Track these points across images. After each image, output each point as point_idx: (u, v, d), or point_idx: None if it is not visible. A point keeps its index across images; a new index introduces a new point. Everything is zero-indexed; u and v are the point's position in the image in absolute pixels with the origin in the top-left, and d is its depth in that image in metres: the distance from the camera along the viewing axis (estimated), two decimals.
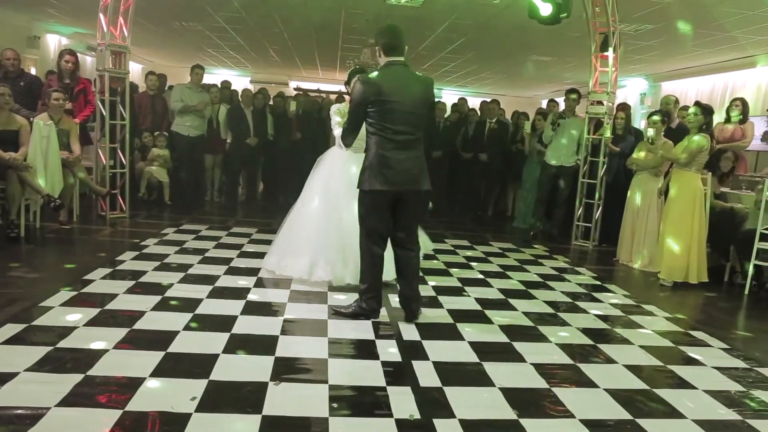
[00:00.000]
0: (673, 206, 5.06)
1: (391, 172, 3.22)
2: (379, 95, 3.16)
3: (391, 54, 3.29)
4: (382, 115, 3.20)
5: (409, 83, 3.27)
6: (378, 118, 3.21)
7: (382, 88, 3.17)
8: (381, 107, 3.17)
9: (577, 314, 3.97)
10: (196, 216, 6.67)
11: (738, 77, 10.32)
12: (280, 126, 7.98)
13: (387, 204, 3.32)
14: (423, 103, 3.33)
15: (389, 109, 3.18)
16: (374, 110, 3.20)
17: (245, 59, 14.20)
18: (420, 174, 3.33)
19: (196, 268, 4.31)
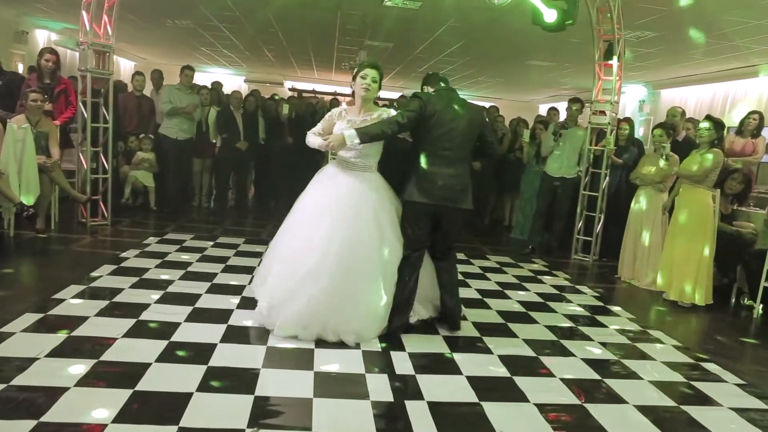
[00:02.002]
0: (685, 225, 4.83)
1: (435, 187, 3.36)
2: (434, 111, 3.34)
3: (436, 85, 3.55)
4: (432, 131, 3.35)
5: (459, 104, 3.48)
6: (428, 133, 3.35)
7: (436, 105, 3.36)
8: (433, 122, 3.33)
9: (581, 342, 3.73)
10: (181, 223, 6.40)
11: (739, 86, 10.15)
12: (271, 130, 7.73)
13: (428, 216, 3.44)
14: (471, 124, 3.49)
15: (440, 125, 3.35)
16: (427, 125, 3.33)
17: (240, 58, 13.93)
18: (462, 192, 3.46)
19: (177, 286, 4.05)
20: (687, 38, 7.78)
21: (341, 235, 3.20)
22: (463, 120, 3.43)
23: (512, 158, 7.94)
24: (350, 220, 3.23)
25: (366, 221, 3.27)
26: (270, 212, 7.77)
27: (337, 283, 3.14)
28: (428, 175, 3.36)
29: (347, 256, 3.18)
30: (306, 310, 3.14)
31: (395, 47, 10.60)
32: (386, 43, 10.29)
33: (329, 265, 3.15)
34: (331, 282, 3.13)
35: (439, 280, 3.65)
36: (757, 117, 6.40)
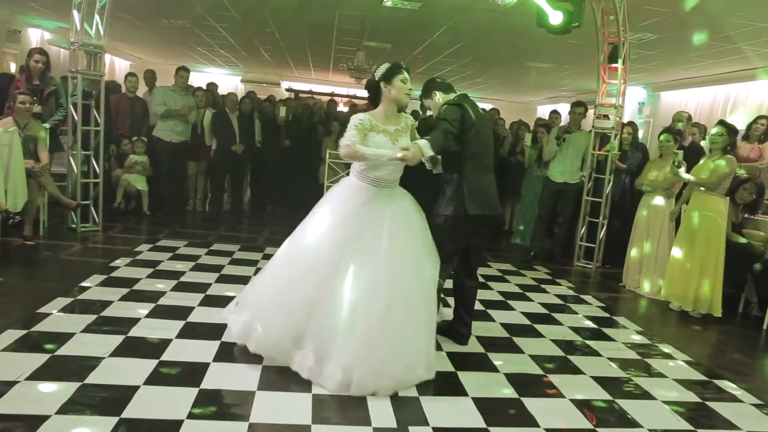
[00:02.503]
0: (697, 233, 4.69)
1: (489, 197, 3.34)
2: (473, 121, 3.23)
3: (449, 91, 3.39)
4: (474, 141, 3.24)
5: (480, 110, 3.40)
6: (471, 144, 3.23)
7: (473, 114, 3.24)
8: (474, 133, 3.21)
9: (589, 357, 3.59)
10: (175, 229, 6.23)
11: (741, 89, 10.03)
12: (268, 132, 7.56)
13: (476, 228, 3.38)
14: (490, 128, 3.60)
15: (481, 134, 3.27)
16: (469, 135, 3.21)
17: (236, 58, 13.75)
18: (498, 198, 3.47)
19: (169, 297, 3.89)
20: (689, 40, 7.67)
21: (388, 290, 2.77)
22: (488, 126, 3.55)
23: (513, 162, 7.80)
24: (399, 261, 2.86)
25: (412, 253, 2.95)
26: (266, 217, 7.60)
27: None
28: (481, 187, 3.30)
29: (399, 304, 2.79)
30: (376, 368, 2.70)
31: (393, 48, 10.47)
32: (385, 44, 10.16)
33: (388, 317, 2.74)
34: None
35: (463, 297, 3.54)
36: (765, 122, 6.29)
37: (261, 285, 3.08)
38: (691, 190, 4.91)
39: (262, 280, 3.10)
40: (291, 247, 3.06)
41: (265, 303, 2.92)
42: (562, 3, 4.73)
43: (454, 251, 3.34)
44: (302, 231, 3.03)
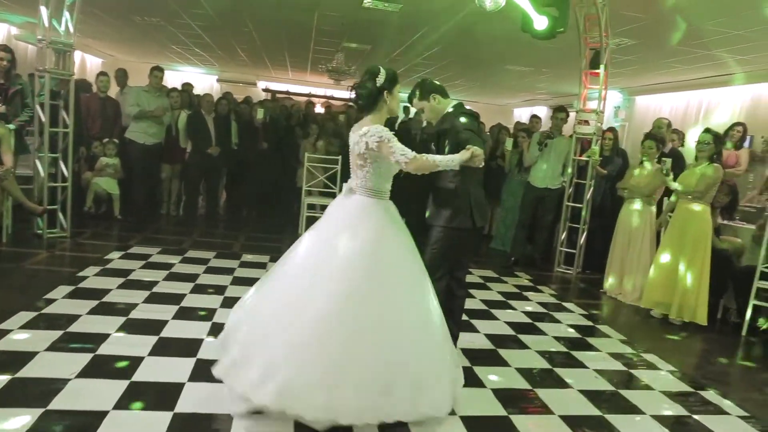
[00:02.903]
0: (683, 241, 4.69)
1: (485, 207, 3.28)
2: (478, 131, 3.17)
3: (446, 96, 3.28)
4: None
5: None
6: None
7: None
8: (480, 142, 3.07)
9: (575, 370, 3.53)
10: (148, 234, 6.02)
11: (713, 95, 10.18)
12: (245, 134, 7.38)
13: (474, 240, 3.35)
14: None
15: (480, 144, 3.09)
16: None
17: (212, 57, 13.48)
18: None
19: (141, 311, 3.71)
20: (665, 46, 7.74)
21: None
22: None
23: (494, 166, 7.75)
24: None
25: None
26: (242, 221, 7.42)
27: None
28: (481, 198, 3.24)
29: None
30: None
31: (373, 49, 10.36)
32: (364, 45, 10.05)
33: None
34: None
35: (452, 307, 3.32)
36: (741, 129, 6.37)
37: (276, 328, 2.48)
38: (677, 197, 4.90)
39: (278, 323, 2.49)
40: (317, 290, 2.51)
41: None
42: (548, 8, 4.69)
43: (447, 266, 3.23)
44: (325, 273, 2.54)
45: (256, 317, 2.59)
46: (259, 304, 2.65)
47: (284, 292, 2.56)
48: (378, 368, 2.40)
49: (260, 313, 2.59)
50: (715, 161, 4.62)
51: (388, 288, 2.55)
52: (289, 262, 2.70)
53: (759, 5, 5.46)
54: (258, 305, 2.65)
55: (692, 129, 10.25)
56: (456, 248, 3.24)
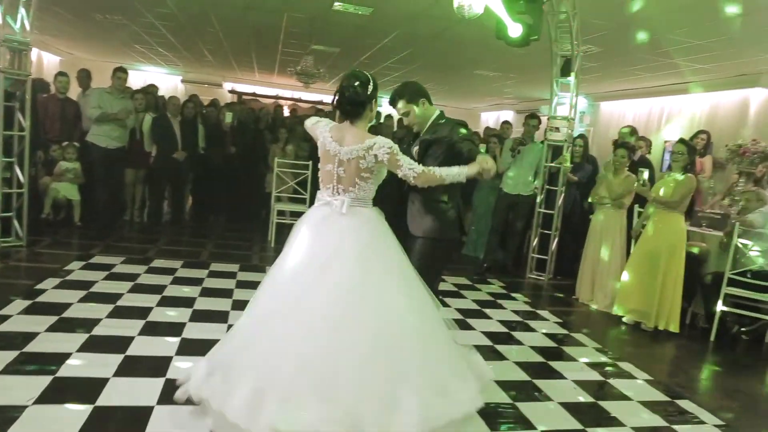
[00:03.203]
0: (658, 250, 4.74)
1: (464, 215, 3.22)
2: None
3: (432, 102, 3.12)
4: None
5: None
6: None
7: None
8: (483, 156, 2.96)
9: (555, 381, 3.51)
10: (111, 242, 5.77)
11: (674, 102, 10.46)
12: (212, 138, 7.17)
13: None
14: None
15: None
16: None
17: (176, 57, 13.12)
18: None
19: (104, 326, 3.52)
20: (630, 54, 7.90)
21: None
22: None
23: None
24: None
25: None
26: (209, 228, 7.21)
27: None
28: (461, 206, 3.17)
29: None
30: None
31: (342, 52, 10.26)
32: (333, 48, 9.94)
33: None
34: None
35: None
36: (704, 137, 6.52)
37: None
38: (652, 207, 4.96)
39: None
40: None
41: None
42: (522, 15, 4.68)
43: (437, 278, 3.19)
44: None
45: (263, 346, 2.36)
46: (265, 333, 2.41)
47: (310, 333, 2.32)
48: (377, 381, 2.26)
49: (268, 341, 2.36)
50: (689, 171, 4.69)
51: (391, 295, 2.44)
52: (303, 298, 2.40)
53: (718, 18, 5.62)
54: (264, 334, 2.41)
55: (654, 135, 10.51)
56: (443, 259, 3.17)
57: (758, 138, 7.06)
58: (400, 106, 3.04)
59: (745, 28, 5.91)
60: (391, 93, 3.11)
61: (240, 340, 2.45)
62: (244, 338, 2.43)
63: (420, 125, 3.09)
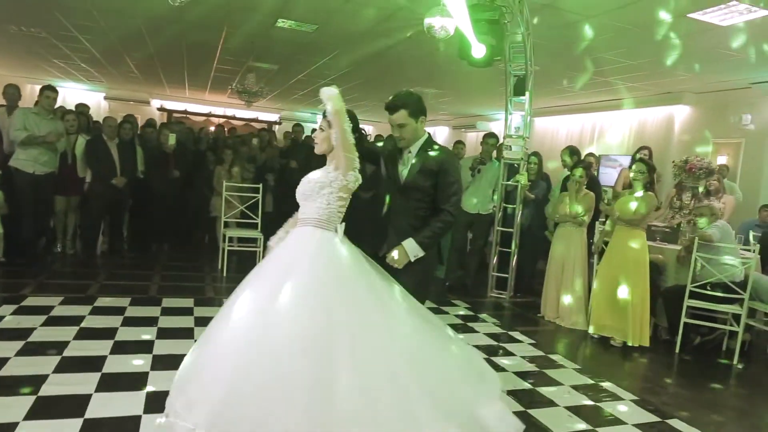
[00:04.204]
0: (622, 265, 4.82)
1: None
2: None
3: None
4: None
5: None
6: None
7: None
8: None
9: (548, 410, 3.42)
10: (43, 280, 5.17)
11: (606, 118, 10.96)
12: (152, 161, 6.66)
13: None
14: None
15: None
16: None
17: (99, 73, 12.30)
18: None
19: (53, 384, 3.06)
20: (567, 72, 8.18)
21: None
22: None
23: None
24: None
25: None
26: (152, 258, 6.66)
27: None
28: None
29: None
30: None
31: (281, 69, 9.99)
32: (272, 65, 9.66)
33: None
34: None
35: None
36: (647, 152, 6.76)
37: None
38: (612, 224, 5.05)
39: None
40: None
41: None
42: (485, 36, 4.66)
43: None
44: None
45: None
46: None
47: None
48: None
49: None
50: (649, 189, 4.82)
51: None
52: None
53: (651, 40, 5.90)
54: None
55: (587, 149, 10.93)
56: (429, 284, 3.04)
57: (681, 151, 7.52)
58: (399, 116, 2.82)
59: (673, 49, 6.25)
60: (393, 98, 2.86)
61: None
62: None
63: (408, 142, 2.91)
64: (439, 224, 2.80)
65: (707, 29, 5.54)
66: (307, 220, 2.49)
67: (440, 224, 2.80)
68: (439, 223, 2.80)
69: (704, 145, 8.52)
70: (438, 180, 2.83)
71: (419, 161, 2.88)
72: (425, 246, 2.76)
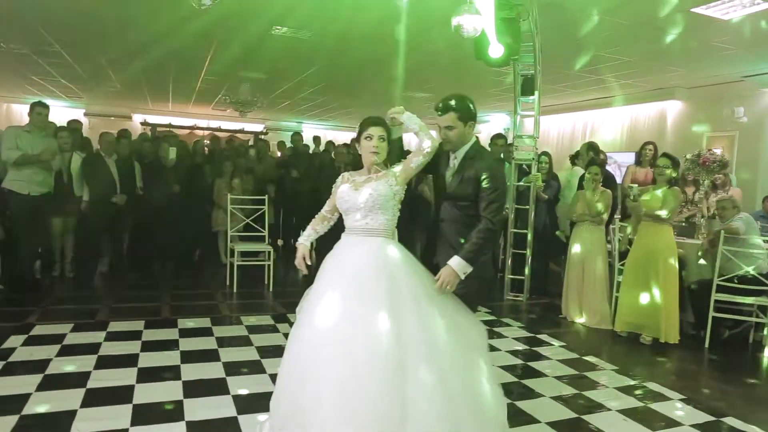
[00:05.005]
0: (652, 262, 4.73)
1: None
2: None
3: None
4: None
5: None
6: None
7: None
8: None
9: (602, 415, 3.31)
10: (47, 306, 4.90)
11: (597, 116, 10.99)
12: (151, 177, 6.40)
13: None
14: None
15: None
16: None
17: (80, 89, 11.95)
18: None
19: (85, 420, 2.83)
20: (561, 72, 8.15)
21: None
22: None
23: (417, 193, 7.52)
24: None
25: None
26: (157, 278, 6.39)
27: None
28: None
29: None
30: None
31: (269, 79, 9.80)
32: (260, 74, 9.47)
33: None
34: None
35: None
36: (652, 147, 6.76)
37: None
38: (637, 221, 4.98)
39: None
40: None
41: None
42: (503, 36, 4.57)
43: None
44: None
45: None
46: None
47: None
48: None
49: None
50: (673, 185, 4.76)
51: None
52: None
53: (651, 36, 5.89)
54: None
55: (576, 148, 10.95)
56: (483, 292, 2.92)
57: (675, 145, 7.55)
58: (447, 118, 2.73)
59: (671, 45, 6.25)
60: (443, 99, 2.77)
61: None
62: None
63: (454, 146, 2.79)
64: (479, 235, 2.63)
65: (707, 23, 5.53)
66: (375, 230, 2.58)
67: (480, 235, 2.63)
68: (479, 234, 2.63)
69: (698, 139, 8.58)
70: (479, 187, 2.71)
71: (462, 168, 2.77)
72: (472, 260, 2.62)
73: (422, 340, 2.34)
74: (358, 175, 2.72)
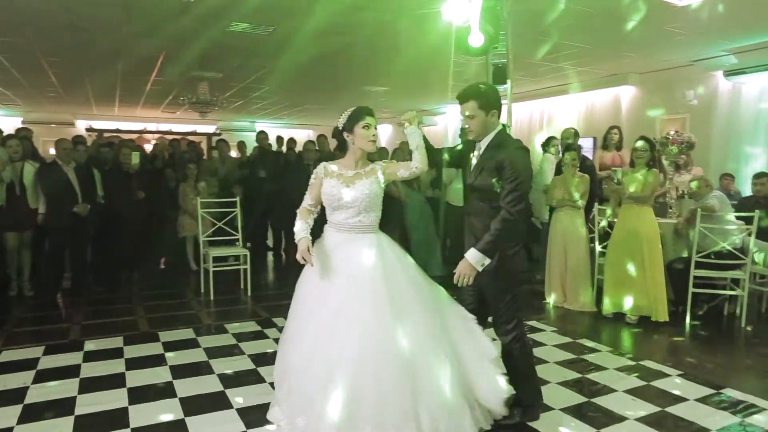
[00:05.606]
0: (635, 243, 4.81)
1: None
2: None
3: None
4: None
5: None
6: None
7: None
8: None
9: (610, 396, 3.33)
10: (10, 329, 4.52)
11: (553, 103, 11.21)
12: (113, 184, 6.02)
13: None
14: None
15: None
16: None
17: (17, 95, 11.23)
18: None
19: None
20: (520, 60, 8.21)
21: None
22: None
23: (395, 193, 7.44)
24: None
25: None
26: (124, 289, 6.03)
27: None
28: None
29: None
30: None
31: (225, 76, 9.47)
32: (216, 73, 9.13)
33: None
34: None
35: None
36: (617, 131, 6.92)
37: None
38: (617, 203, 5.06)
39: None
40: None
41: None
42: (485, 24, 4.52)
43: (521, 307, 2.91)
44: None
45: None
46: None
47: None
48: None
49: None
50: (652, 167, 4.85)
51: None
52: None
53: (611, 23, 6.01)
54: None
55: (537, 135, 11.15)
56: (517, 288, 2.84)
57: (630, 129, 7.76)
58: (468, 106, 2.68)
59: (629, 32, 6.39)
60: (464, 89, 2.72)
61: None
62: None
63: (477, 135, 2.75)
64: (496, 226, 2.58)
65: (664, 9, 5.65)
66: (368, 227, 2.74)
67: (497, 226, 2.58)
68: (497, 224, 2.58)
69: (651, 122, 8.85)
70: (500, 176, 2.64)
71: (484, 158, 2.71)
72: (489, 252, 2.58)
73: (426, 331, 2.54)
74: (344, 168, 2.74)
